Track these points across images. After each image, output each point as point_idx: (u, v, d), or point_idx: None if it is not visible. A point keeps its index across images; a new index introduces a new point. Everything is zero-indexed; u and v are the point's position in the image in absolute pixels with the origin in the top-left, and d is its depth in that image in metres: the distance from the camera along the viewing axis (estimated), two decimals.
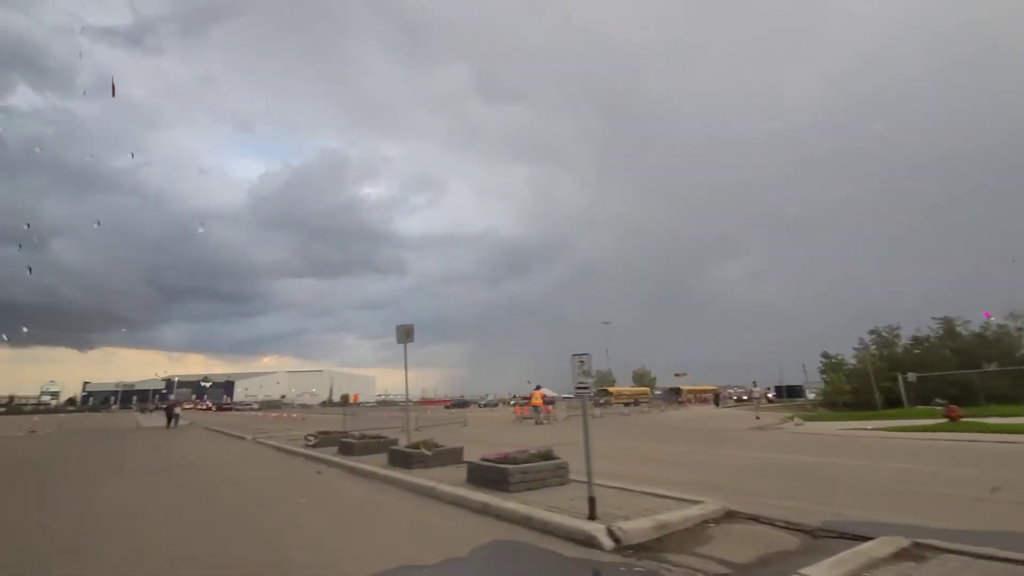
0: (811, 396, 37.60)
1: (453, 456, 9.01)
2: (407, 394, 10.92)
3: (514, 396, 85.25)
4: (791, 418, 19.90)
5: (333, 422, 29.24)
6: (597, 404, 50.15)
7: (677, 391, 55.51)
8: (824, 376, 29.41)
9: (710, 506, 5.30)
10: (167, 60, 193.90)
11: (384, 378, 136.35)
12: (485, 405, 67.24)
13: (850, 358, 29.54)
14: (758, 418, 20.21)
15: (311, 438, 12.99)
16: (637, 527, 4.58)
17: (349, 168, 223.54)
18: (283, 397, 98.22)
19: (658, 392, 57.15)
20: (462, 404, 63.98)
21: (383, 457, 10.08)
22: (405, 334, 11.27)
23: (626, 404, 46.56)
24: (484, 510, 5.73)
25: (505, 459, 6.76)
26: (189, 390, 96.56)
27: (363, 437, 11.46)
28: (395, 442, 11.34)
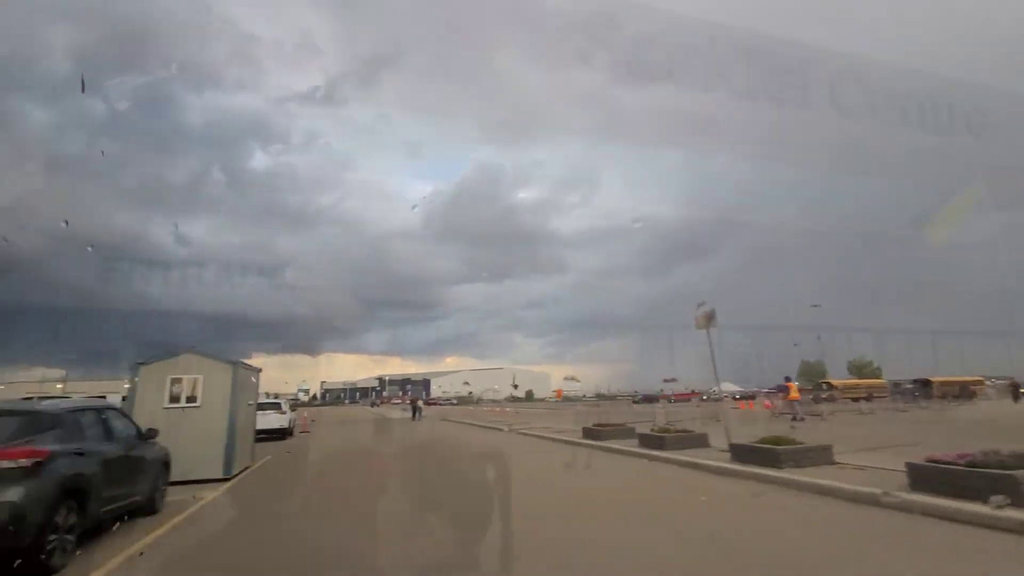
0: None
1: (822, 454, 7.73)
2: (718, 384, 9.94)
3: (692, 390, 79.27)
4: None
5: (540, 415, 30.04)
6: (818, 400, 43.48)
7: (927, 383, 45.31)
8: None
9: None
10: (351, 108, 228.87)
11: (553, 373, 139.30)
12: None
13: None
14: None
15: (599, 429, 12.90)
16: None
17: (504, 176, 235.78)
18: (471, 393, 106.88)
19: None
20: (650, 399, 61.51)
21: (708, 452, 9.29)
22: (706, 320, 10.31)
23: (855, 399, 39.37)
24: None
25: (983, 461, 5.26)
26: (397, 387, 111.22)
27: (666, 431, 10.82)
28: (703, 436, 10.49)
